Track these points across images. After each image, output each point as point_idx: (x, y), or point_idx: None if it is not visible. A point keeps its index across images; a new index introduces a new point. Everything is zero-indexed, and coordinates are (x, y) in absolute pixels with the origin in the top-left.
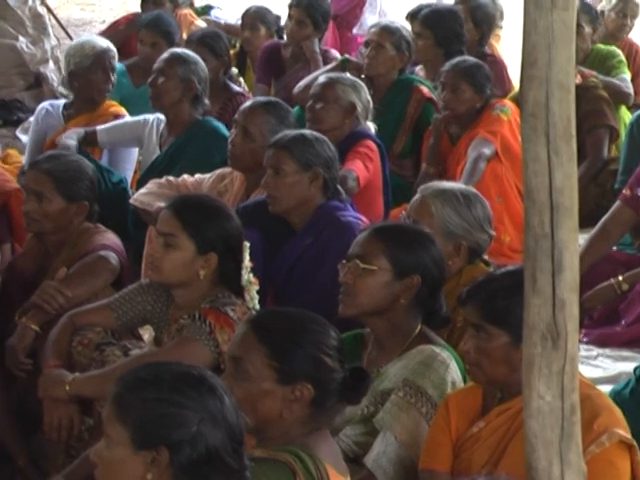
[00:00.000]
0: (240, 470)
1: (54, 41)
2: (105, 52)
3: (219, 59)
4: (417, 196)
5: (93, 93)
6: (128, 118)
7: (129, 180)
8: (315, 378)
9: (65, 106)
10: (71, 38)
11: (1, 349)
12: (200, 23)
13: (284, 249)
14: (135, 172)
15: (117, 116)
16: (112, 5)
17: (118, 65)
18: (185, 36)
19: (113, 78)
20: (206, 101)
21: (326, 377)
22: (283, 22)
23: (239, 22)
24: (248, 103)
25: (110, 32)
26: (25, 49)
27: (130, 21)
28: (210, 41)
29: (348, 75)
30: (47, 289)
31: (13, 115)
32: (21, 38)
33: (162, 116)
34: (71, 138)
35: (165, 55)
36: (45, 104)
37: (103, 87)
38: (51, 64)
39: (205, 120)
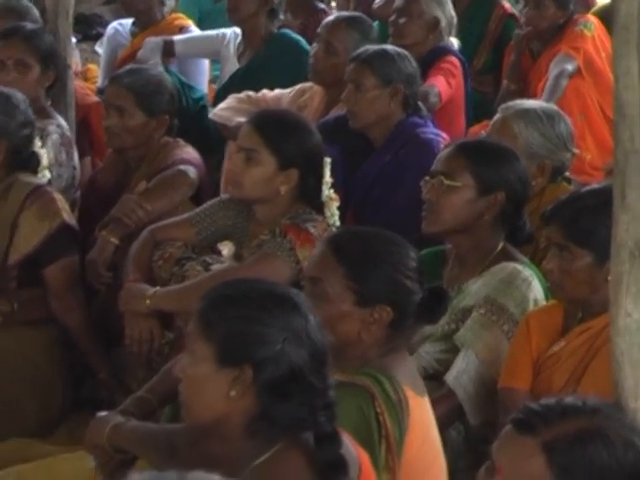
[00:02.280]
0: (324, 389)
1: None
2: None
3: None
4: (498, 116)
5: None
6: (194, 29)
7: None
8: (394, 300)
9: (134, 23)
10: None
11: (82, 263)
12: None
13: (363, 166)
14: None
15: (182, 28)
16: None
17: None
18: None
19: None
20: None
21: (405, 299)
22: None
23: None
24: (331, 17)
25: None
26: None
27: None
28: None
29: None
30: (127, 203)
31: (92, 29)
32: None
33: (239, 30)
34: (151, 51)
35: None
36: (114, 23)
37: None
38: None
39: (284, 33)
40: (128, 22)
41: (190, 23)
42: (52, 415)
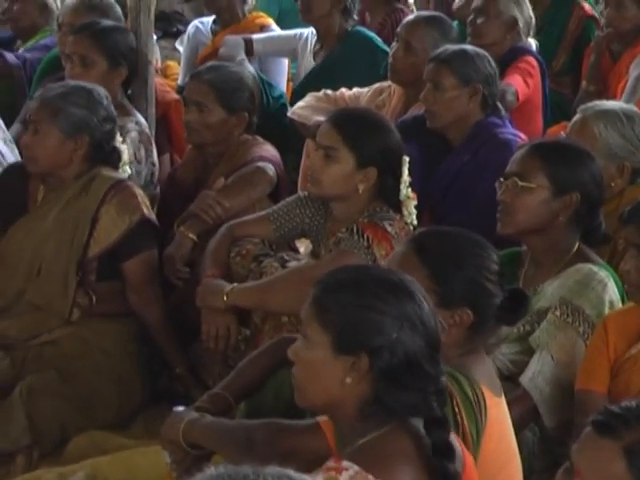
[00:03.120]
0: (437, 376)
1: None
2: None
3: None
4: (578, 117)
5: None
6: (275, 27)
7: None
8: (475, 303)
9: (215, 21)
10: None
11: (160, 258)
12: None
13: (441, 165)
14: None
15: (263, 27)
16: None
17: None
18: None
19: None
20: (355, 17)
21: (486, 302)
22: None
23: None
24: (411, 17)
25: None
26: None
27: None
28: None
29: None
30: (205, 199)
31: (173, 27)
32: None
33: (315, 30)
34: (233, 49)
35: None
36: (196, 21)
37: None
38: None
39: (358, 31)
40: (209, 20)
41: (271, 22)
42: (129, 408)
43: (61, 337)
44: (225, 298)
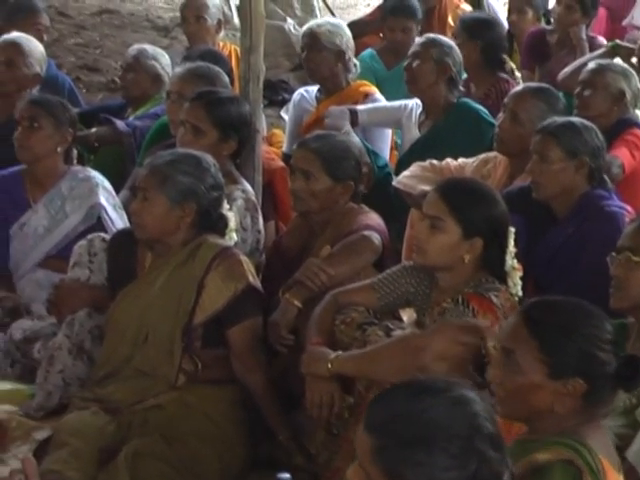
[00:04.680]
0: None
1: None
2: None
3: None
4: None
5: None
6: (379, 96)
7: None
8: (587, 373)
9: (319, 90)
10: None
11: (264, 324)
12: (465, 7)
13: (546, 237)
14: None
15: (367, 95)
16: None
17: (368, 50)
18: (451, 21)
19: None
20: (460, 88)
21: (599, 371)
22: (550, 6)
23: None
24: (519, 88)
25: (371, 17)
26: (292, 30)
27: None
28: (479, 28)
29: (618, 61)
30: (311, 266)
31: (278, 95)
32: (289, 20)
33: (419, 101)
34: (339, 119)
35: (420, 39)
36: (301, 89)
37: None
38: (352, 42)
39: (464, 102)
40: (314, 89)
41: (375, 90)
42: (231, 474)
43: (166, 402)
44: (329, 366)
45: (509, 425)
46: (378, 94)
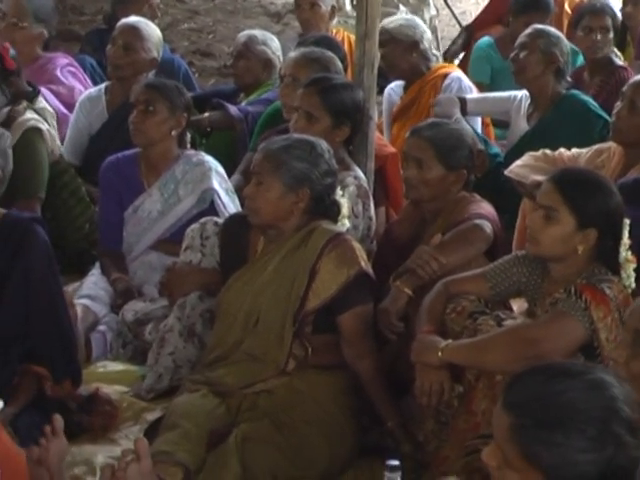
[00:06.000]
0: None
1: (433, 11)
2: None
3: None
4: None
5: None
6: (460, 74)
7: None
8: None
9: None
10: (451, 9)
11: (375, 311)
12: None
13: None
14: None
15: (446, 75)
16: None
17: (486, 38)
18: (568, 9)
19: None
20: (568, 79)
21: None
22: None
23: None
24: (638, 77)
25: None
26: None
27: None
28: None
29: None
30: (422, 254)
31: (389, 83)
32: (402, 7)
33: (528, 93)
34: (449, 107)
35: (528, 30)
36: (392, 84)
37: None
38: (429, 34)
39: (572, 94)
40: (402, 82)
41: (454, 68)
42: (340, 461)
43: (276, 387)
44: (440, 354)
45: None
46: (457, 72)
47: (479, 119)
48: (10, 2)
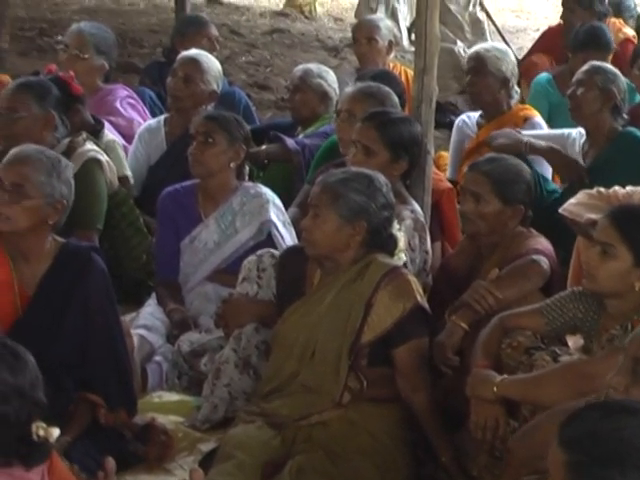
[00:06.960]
0: None
1: None
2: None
3: None
4: None
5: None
6: (540, 120)
7: None
8: None
9: (481, 115)
10: (507, 44)
11: (430, 345)
12: (628, 31)
13: None
14: None
15: (527, 119)
16: (547, 13)
17: (544, 74)
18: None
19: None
20: (625, 116)
21: None
22: None
23: None
24: None
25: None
26: (462, 53)
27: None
28: None
29: None
30: (478, 289)
31: (446, 117)
32: (459, 42)
33: (583, 130)
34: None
35: (585, 67)
36: (463, 115)
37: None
38: (516, 70)
39: (629, 131)
40: (475, 114)
41: (535, 114)
42: None
43: (331, 419)
44: (495, 389)
45: None
46: (538, 117)
47: (548, 171)
48: (72, 34)
